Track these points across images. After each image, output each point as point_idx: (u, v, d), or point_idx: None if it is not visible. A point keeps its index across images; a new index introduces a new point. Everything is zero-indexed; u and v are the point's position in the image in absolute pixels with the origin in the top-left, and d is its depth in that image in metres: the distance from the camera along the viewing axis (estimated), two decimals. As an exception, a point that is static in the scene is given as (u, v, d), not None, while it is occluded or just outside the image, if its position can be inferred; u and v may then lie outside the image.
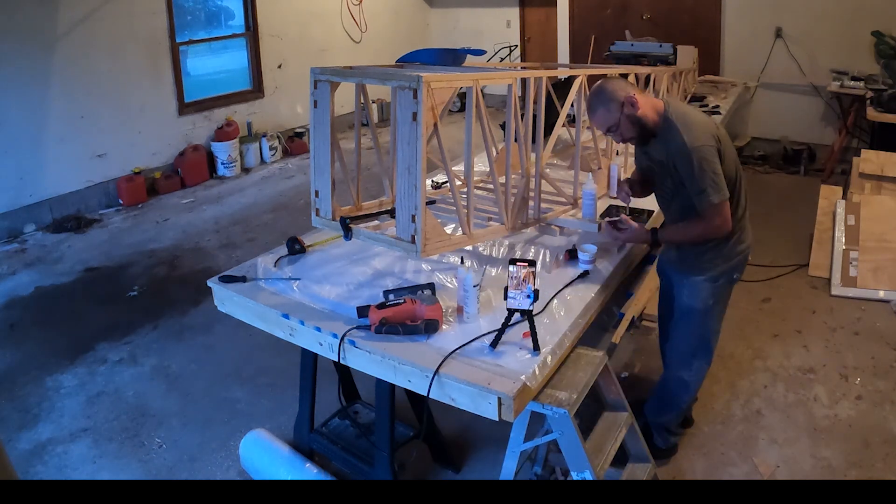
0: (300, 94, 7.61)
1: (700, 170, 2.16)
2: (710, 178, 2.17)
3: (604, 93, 2.27)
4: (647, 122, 2.25)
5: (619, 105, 2.24)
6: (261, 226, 5.49)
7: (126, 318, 4.00)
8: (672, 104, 2.28)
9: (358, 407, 2.75)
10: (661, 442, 2.70)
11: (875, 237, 4.05)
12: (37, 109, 5.43)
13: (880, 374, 3.18)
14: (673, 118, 2.23)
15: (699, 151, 2.16)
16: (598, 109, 2.29)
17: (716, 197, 2.18)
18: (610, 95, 2.25)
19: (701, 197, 2.19)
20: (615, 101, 2.24)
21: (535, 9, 8.82)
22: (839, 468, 2.63)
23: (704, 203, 2.19)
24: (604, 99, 2.26)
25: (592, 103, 2.31)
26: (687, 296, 2.48)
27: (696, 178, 2.17)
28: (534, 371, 1.86)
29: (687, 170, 2.18)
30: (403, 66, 2.76)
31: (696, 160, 2.16)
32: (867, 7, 5.90)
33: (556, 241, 2.66)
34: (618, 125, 2.27)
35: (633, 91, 2.25)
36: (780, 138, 6.46)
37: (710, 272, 2.40)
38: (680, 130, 2.19)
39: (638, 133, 2.29)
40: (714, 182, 2.17)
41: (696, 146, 2.17)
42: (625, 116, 2.25)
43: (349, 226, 2.26)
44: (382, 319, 1.99)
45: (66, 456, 2.89)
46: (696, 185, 2.19)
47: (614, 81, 2.29)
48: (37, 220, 5.53)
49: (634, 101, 2.22)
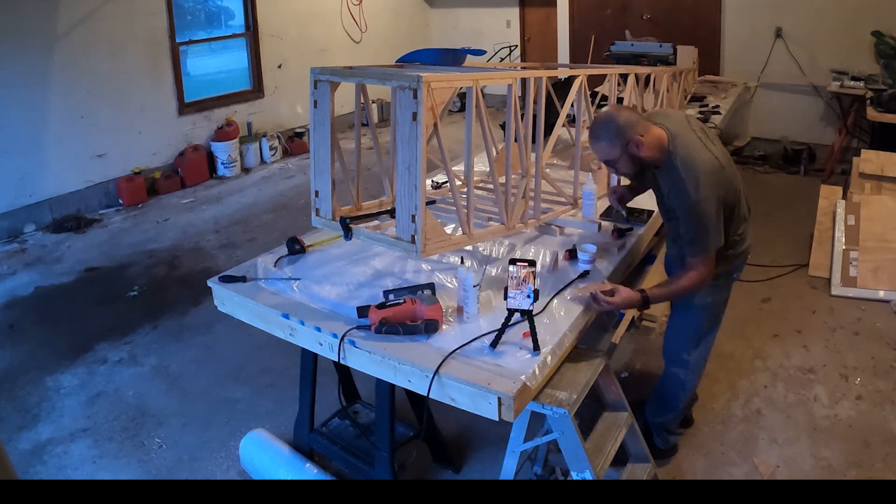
0: (300, 94, 7.61)
1: (699, 224, 2.15)
2: (705, 233, 2.15)
3: (612, 126, 2.20)
4: (647, 162, 2.24)
5: (625, 144, 2.19)
6: (261, 226, 5.49)
7: (126, 318, 4.00)
8: (677, 138, 2.21)
9: (358, 407, 2.75)
10: (660, 442, 2.70)
11: (875, 237, 4.05)
12: (37, 109, 5.43)
13: (880, 374, 3.18)
14: (676, 160, 2.17)
15: (700, 206, 2.12)
16: (601, 141, 2.24)
17: (707, 250, 2.18)
18: (617, 132, 2.18)
19: (692, 247, 2.19)
20: (621, 139, 2.18)
21: (535, 9, 8.82)
22: (839, 468, 2.63)
23: (694, 252, 2.19)
24: (610, 133, 2.20)
25: (598, 133, 2.25)
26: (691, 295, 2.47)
27: (693, 230, 2.16)
28: (534, 371, 1.86)
29: (685, 219, 2.18)
30: (403, 66, 2.76)
31: (697, 214, 2.14)
32: (867, 7, 5.90)
33: (556, 241, 2.66)
34: (617, 161, 2.24)
35: (640, 128, 2.19)
36: (780, 138, 6.46)
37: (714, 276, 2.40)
38: (683, 178, 2.14)
39: (636, 171, 2.28)
40: (707, 238, 2.16)
41: (698, 199, 2.12)
42: (627, 155, 2.21)
43: (349, 226, 2.26)
44: (382, 319, 1.99)
45: (66, 456, 2.89)
46: (689, 235, 2.18)
47: (625, 114, 2.23)
48: (37, 220, 5.53)
49: (640, 143, 2.17)
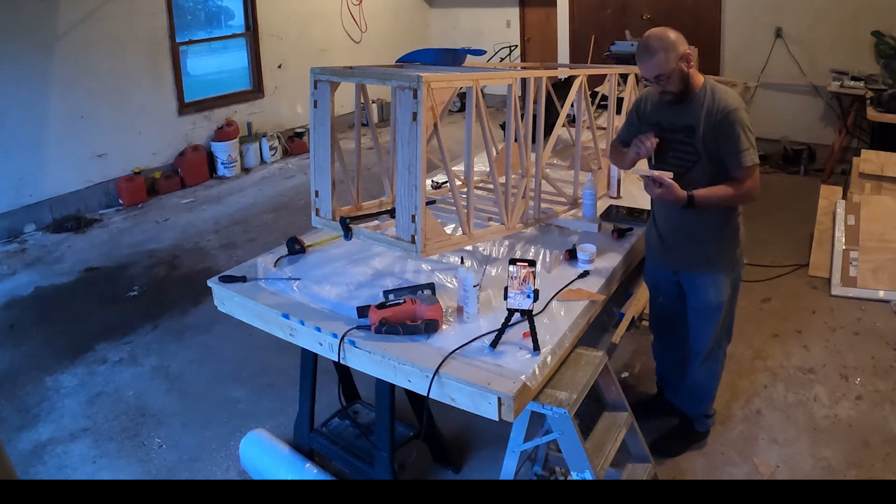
0: (300, 94, 7.61)
1: (743, 130, 2.22)
2: (749, 139, 2.23)
3: (667, 39, 2.22)
4: (691, 84, 2.28)
5: (679, 56, 2.22)
6: (261, 226, 5.49)
7: (126, 318, 4.00)
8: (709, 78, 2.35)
9: (358, 407, 2.75)
10: (701, 426, 2.77)
11: (875, 237, 4.05)
12: (37, 109, 5.43)
13: (880, 374, 3.18)
14: (712, 87, 2.30)
15: (739, 113, 2.23)
16: (657, 53, 2.21)
17: (755, 157, 2.24)
18: (673, 44, 2.22)
19: (740, 157, 2.23)
20: (676, 52, 2.21)
21: (535, 9, 8.82)
22: (839, 468, 2.63)
23: (743, 163, 2.23)
24: (666, 45, 2.21)
25: (653, 45, 2.22)
26: (713, 293, 2.48)
27: (738, 138, 2.22)
28: (534, 371, 1.86)
29: (728, 131, 2.23)
30: (403, 66, 2.76)
31: (738, 120, 2.22)
32: (867, 7, 5.90)
33: (556, 241, 2.66)
34: (670, 75, 2.24)
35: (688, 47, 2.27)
36: (780, 138, 6.46)
37: (730, 261, 2.47)
38: (720, 94, 2.26)
39: (682, 88, 2.27)
40: (752, 144, 2.24)
41: (738, 107, 2.23)
42: (678, 69, 2.24)
43: (349, 226, 2.26)
44: (382, 319, 1.99)
45: (66, 456, 2.88)
46: (736, 146, 2.23)
47: (675, 32, 2.26)
48: (37, 220, 5.53)
49: (691, 57, 2.25)
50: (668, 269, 2.55)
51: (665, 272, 2.57)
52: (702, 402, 2.74)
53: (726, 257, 2.45)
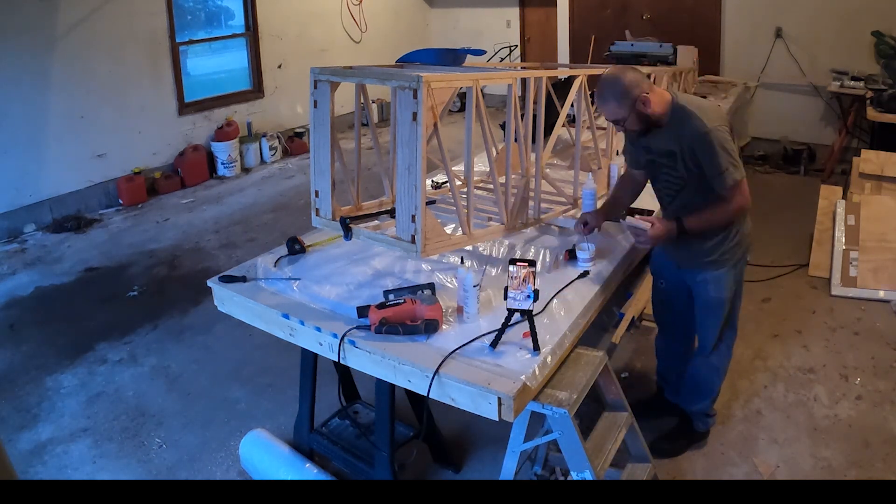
0: (300, 94, 7.61)
1: (721, 149, 2.20)
2: (728, 157, 2.21)
3: (619, 85, 2.24)
4: (654, 118, 2.28)
5: (632, 102, 2.23)
6: (261, 226, 5.49)
7: (126, 318, 4.00)
8: (679, 94, 2.32)
9: (358, 407, 2.75)
10: (701, 426, 2.76)
11: (875, 237, 4.05)
12: (37, 109, 5.43)
13: (880, 374, 3.18)
14: (684, 105, 2.26)
15: (716, 132, 2.20)
16: (609, 101, 2.27)
17: (737, 174, 2.22)
18: (624, 90, 2.23)
19: (722, 177, 2.22)
20: (628, 98, 2.23)
21: (535, 9, 8.82)
22: (839, 468, 2.63)
23: (727, 182, 2.22)
24: (617, 92, 2.24)
25: (605, 93, 2.28)
26: (714, 290, 2.48)
27: (717, 159, 2.20)
28: (534, 371, 1.86)
29: (706, 152, 2.21)
30: (403, 66, 2.76)
31: (716, 141, 2.20)
32: (867, 7, 5.90)
33: (556, 241, 2.66)
34: (625, 119, 2.28)
35: (645, 86, 2.25)
36: (780, 138, 6.46)
37: (732, 260, 2.46)
38: (695, 115, 2.23)
39: (644, 127, 2.30)
40: (733, 161, 2.22)
41: (713, 127, 2.20)
42: (635, 113, 2.25)
43: (349, 226, 2.26)
44: (382, 319, 1.99)
45: (66, 456, 2.88)
46: (716, 167, 2.21)
47: (630, 74, 2.27)
48: (37, 220, 5.53)
49: (647, 100, 2.23)
50: (672, 261, 2.58)
51: (669, 262, 2.60)
52: (702, 399, 2.73)
53: (729, 255, 2.45)
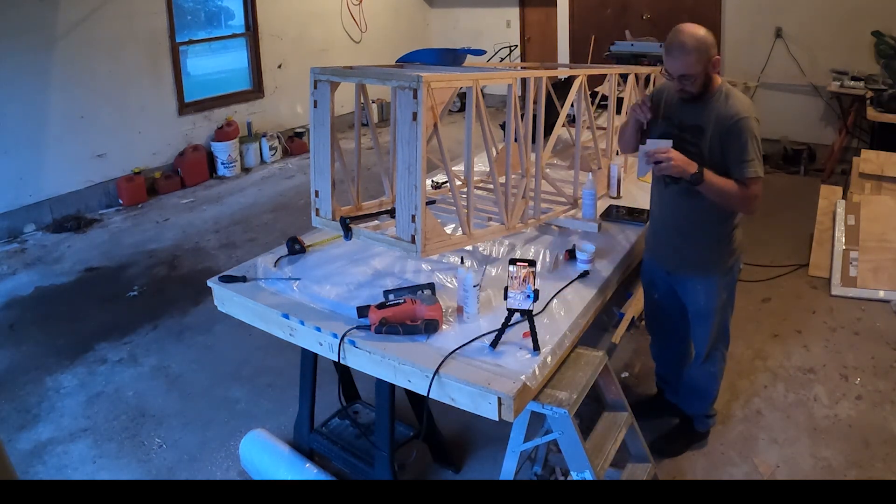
0: (300, 94, 7.61)
1: (751, 139, 2.20)
2: (756, 150, 2.21)
3: (704, 41, 2.19)
4: (711, 86, 2.28)
5: (709, 60, 2.21)
6: (261, 226, 5.49)
7: (126, 318, 4.00)
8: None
9: (358, 407, 2.75)
10: (701, 426, 2.77)
11: (875, 237, 4.05)
12: (37, 109, 5.43)
13: (880, 374, 3.18)
14: (727, 91, 2.28)
15: (750, 122, 2.20)
16: (691, 54, 2.17)
17: (759, 169, 2.21)
18: (707, 47, 2.20)
19: (744, 166, 2.21)
20: (708, 55, 2.20)
21: (535, 9, 8.82)
22: (839, 468, 2.63)
23: (747, 173, 2.21)
24: (701, 47, 2.18)
25: (688, 45, 2.17)
26: (704, 297, 2.48)
27: (745, 146, 2.20)
28: (534, 371, 1.86)
29: (739, 137, 2.21)
30: (403, 66, 2.76)
31: (748, 129, 2.20)
32: (867, 7, 5.90)
33: (556, 241, 2.66)
34: (696, 78, 2.21)
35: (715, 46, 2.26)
36: (780, 138, 6.46)
37: (723, 267, 2.45)
38: (737, 100, 2.25)
39: (702, 90, 2.26)
40: (759, 155, 2.22)
41: (750, 116, 2.21)
42: (704, 73, 2.22)
43: (349, 226, 2.26)
44: (382, 319, 1.99)
45: (66, 456, 2.88)
46: (741, 154, 2.21)
47: (710, 33, 2.24)
48: (37, 220, 5.53)
49: (718, 63, 2.26)
50: (662, 268, 2.56)
51: (660, 270, 2.58)
52: (701, 403, 2.74)
53: (719, 263, 2.43)
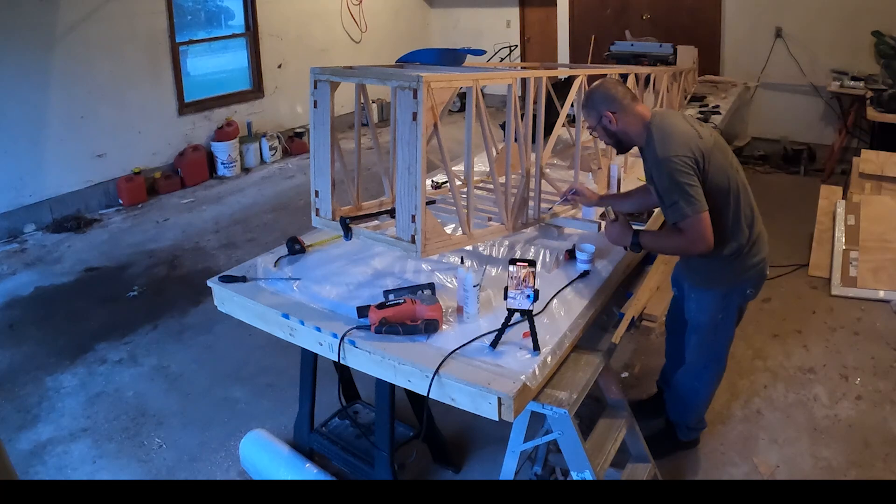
0: (300, 94, 7.61)
1: (671, 181, 2.12)
2: (680, 190, 2.11)
3: (591, 98, 2.35)
4: (624, 137, 2.31)
5: (598, 117, 2.31)
6: (261, 226, 5.49)
7: (126, 318, 4.00)
8: (658, 115, 2.26)
9: (358, 407, 2.75)
10: (683, 436, 2.74)
11: (875, 237, 4.05)
12: (37, 109, 5.43)
13: (880, 374, 3.18)
14: (653, 130, 2.22)
15: (669, 163, 2.12)
16: (583, 108, 2.44)
17: (688, 209, 2.11)
18: (593, 103, 2.33)
19: (673, 209, 2.15)
20: (595, 111, 2.33)
21: (535, 9, 8.82)
22: (839, 468, 2.63)
23: (677, 215, 2.15)
24: (588, 103, 2.37)
25: (583, 101, 2.44)
26: (695, 308, 2.48)
27: (668, 190, 2.15)
28: (534, 371, 1.86)
29: (660, 181, 2.18)
30: (403, 66, 2.76)
31: (667, 171, 2.13)
32: (867, 7, 5.90)
33: (556, 241, 2.66)
34: (594, 129, 2.39)
35: (618, 105, 2.26)
36: (780, 138, 6.46)
37: (718, 286, 2.38)
38: (656, 142, 2.18)
39: (614, 143, 2.37)
40: (686, 194, 2.11)
41: (667, 157, 2.13)
42: (601, 127, 2.33)
43: (349, 226, 2.26)
44: (382, 319, 1.99)
45: (65, 456, 2.89)
46: (668, 197, 2.16)
47: (607, 88, 2.31)
48: (37, 220, 5.53)
49: (611, 119, 2.28)
50: (678, 269, 2.60)
51: (676, 272, 2.63)
52: (684, 413, 2.70)
53: (716, 280, 2.38)
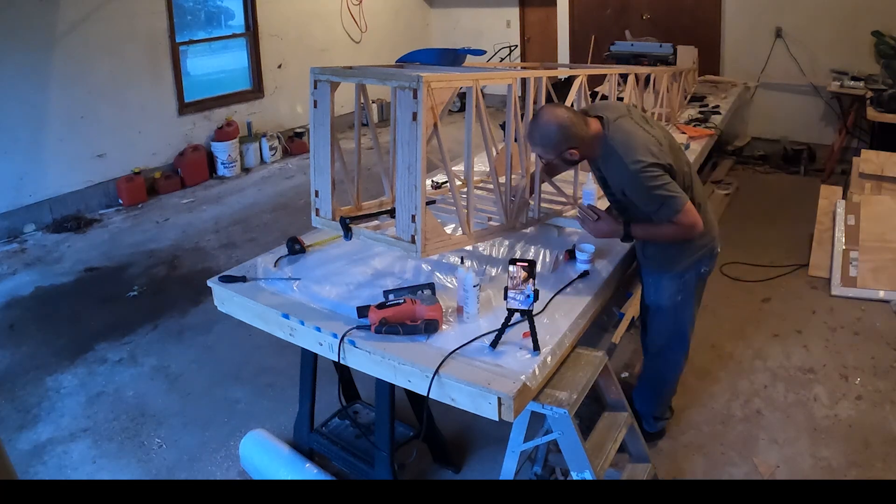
0: (300, 94, 7.61)
1: (648, 191, 2.17)
2: (660, 194, 2.17)
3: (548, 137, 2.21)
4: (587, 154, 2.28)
5: (560, 153, 2.23)
6: (261, 226, 5.49)
7: (126, 318, 4.00)
8: (612, 127, 2.24)
9: (358, 407, 2.75)
10: (649, 427, 2.76)
11: (875, 237, 4.05)
12: (37, 109, 5.43)
13: (880, 374, 3.18)
14: (612, 144, 2.21)
15: (641, 175, 2.15)
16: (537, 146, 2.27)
17: (675, 206, 2.17)
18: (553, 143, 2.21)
19: (661, 212, 2.20)
20: (555, 150, 2.23)
21: (535, 9, 8.82)
22: (839, 468, 2.63)
23: (667, 215, 2.20)
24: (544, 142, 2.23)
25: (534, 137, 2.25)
26: (654, 293, 2.52)
27: (649, 199, 2.19)
28: (534, 371, 1.86)
29: (637, 192, 2.20)
30: (403, 66, 2.76)
31: (641, 183, 2.16)
32: (867, 7, 5.90)
33: (556, 241, 2.66)
34: (550, 162, 2.33)
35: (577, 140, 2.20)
36: (780, 138, 6.46)
37: (674, 269, 2.43)
38: (621, 156, 2.18)
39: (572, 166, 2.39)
40: (666, 196, 2.17)
41: (637, 170, 2.15)
42: (561, 160, 2.27)
43: (349, 226, 2.26)
44: (382, 319, 1.99)
45: (65, 456, 2.88)
46: (651, 205, 2.20)
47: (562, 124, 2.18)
48: (37, 220, 5.52)
49: (575, 154, 2.23)
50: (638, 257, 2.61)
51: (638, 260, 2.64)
52: (650, 401, 2.73)
53: (671, 261, 2.42)
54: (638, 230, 2.32)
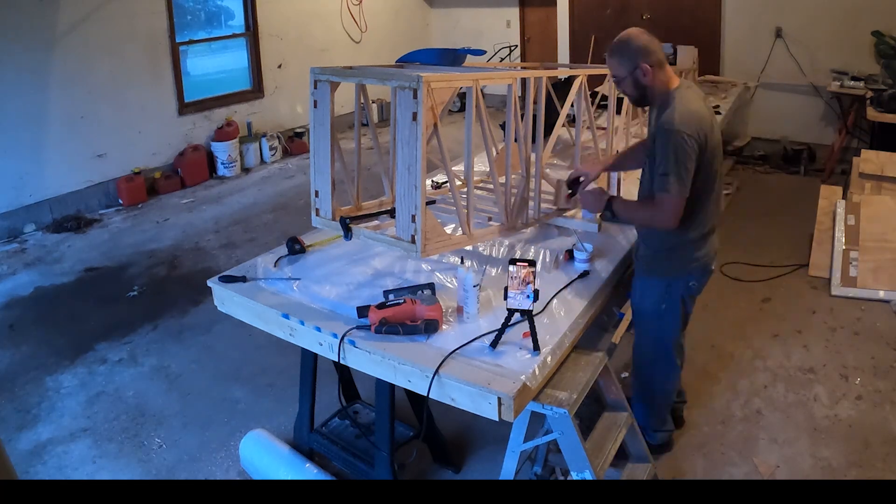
0: (300, 94, 7.61)
1: (673, 155, 2.12)
2: (677, 166, 2.12)
3: (628, 46, 2.23)
4: (649, 93, 2.26)
5: (633, 67, 2.22)
6: (261, 226, 5.49)
7: (126, 318, 4.00)
8: (685, 86, 2.25)
9: (358, 407, 2.75)
10: (650, 438, 2.68)
11: (875, 237, 4.05)
12: (37, 109, 5.43)
13: (880, 374, 3.18)
14: (677, 98, 2.20)
15: (679, 136, 2.11)
16: (614, 57, 2.26)
17: (673, 188, 2.13)
18: (632, 52, 2.22)
19: (661, 179, 2.15)
20: (630, 61, 2.22)
21: (535, 9, 8.82)
22: (839, 468, 2.63)
23: (662, 186, 2.15)
24: (624, 51, 2.24)
25: (613, 48, 2.26)
26: (638, 296, 2.49)
27: (664, 159, 2.14)
28: (534, 371, 1.86)
29: (661, 147, 2.16)
30: (403, 66, 2.76)
31: (673, 143, 2.12)
32: (867, 7, 5.90)
33: (556, 241, 2.66)
34: (621, 80, 2.28)
35: (654, 59, 2.21)
36: (780, 138, 6.46)
37: (661, 274, 2.39)
38: (675, 109, 2.16)
39: (637, 96, 2.30)
40: (679, 174, 2.13)
41: (681, 130, 2.12)
42: (632, 77, 2.24)
43: (349, 226, 2.26)
44: (382, 319, 1.99)
45: (65, 456, 2.88)
46: (661, 166, 2.15)
47: (644, 39, 2.23)
48: (37, 220, 5.53)
49: (647, 71, 2.21)
50: None
51: None
52: (640, 413, 2.60)
53: (661, 268, 2.39)
54: (619, 205, 2.34)
